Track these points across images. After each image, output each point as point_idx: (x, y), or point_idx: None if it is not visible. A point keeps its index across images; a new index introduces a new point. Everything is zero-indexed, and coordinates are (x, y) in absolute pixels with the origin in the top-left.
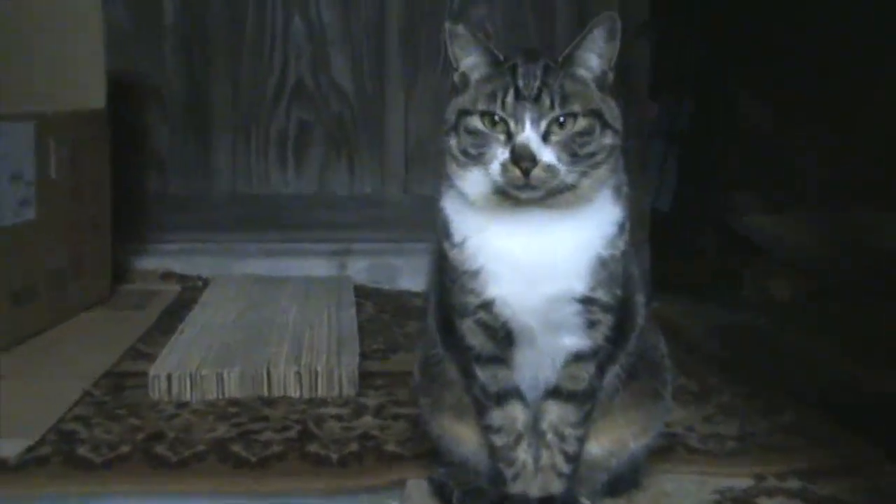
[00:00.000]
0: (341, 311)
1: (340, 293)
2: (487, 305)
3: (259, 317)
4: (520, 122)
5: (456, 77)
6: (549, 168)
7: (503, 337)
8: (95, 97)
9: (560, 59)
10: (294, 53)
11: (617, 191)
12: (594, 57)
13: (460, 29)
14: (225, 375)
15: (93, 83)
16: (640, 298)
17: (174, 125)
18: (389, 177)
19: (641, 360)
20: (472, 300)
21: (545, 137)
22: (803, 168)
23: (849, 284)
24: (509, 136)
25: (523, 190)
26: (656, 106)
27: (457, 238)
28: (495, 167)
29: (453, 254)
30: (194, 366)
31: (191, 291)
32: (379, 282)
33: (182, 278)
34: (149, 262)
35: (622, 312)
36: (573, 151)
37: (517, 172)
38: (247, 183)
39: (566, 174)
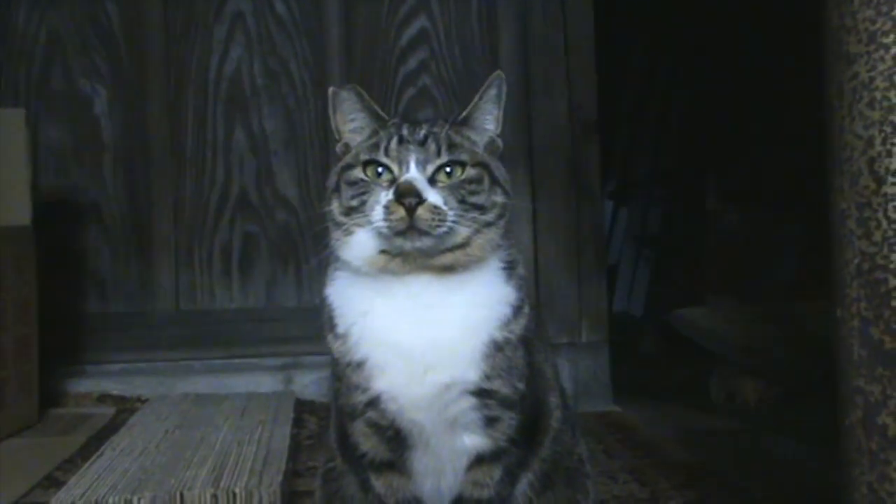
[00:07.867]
0: (275, 428)
1: (279, 409)
2: (374, 402)
3: (186, 437)
4: (404, 164)
5: (339, 147)
6: (436, 210)
7: (393, 436)
8: (20, 214)
9: (452, 120)
10: (237, 165)
11: (510, 268)
12: (488, 119)
13: (345, 94)
14: (134, 502)
15: (17, 201)
16: (553, 399)
17: (114, 242)
18: None
19: (557, 468)
20: (360, 398)
21: (431, 181)
22: (771, 270)
23: (815, 386)
24: (393, 181)
25: (408, 236)
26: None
27: (341, 328)
28: (378, 212)
29: (337, 346)
30: (101, 493)
31: (126, 414)
32: (327, 395)
33: (119, 400)
34: (86, 385)
35: (530, 412)
36: (461, 197)
37: (401, 212)
38: (190, 299)
39: (454, 222)
